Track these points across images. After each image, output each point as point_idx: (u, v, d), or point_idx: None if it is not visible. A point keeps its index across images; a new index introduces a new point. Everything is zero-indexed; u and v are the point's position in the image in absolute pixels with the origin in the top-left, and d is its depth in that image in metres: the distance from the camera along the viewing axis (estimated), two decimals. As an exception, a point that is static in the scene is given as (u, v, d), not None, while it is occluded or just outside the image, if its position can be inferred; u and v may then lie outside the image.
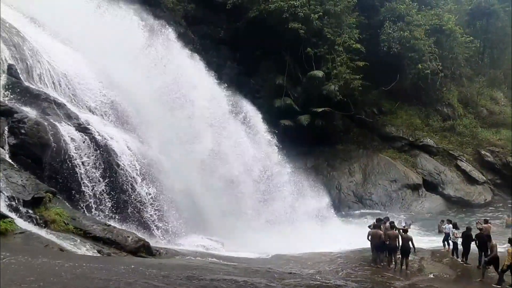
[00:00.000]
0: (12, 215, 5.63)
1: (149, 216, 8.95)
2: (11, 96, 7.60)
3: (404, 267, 8.83)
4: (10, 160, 6.60)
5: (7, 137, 6.87)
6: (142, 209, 8.82)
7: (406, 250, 8.71)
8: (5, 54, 7.78)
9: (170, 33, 14.47)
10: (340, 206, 18.82)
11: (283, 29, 19.92)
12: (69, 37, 10.18)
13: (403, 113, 23.89)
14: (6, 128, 6.88)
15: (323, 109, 20.08)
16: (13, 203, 5.78)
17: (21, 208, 5.80)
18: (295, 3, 19.51)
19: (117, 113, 9.53)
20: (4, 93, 7.45)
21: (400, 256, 8.90)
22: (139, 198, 8.86)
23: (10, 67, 7.78)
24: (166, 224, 9.21)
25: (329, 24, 20.94)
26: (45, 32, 9.77)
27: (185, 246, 9.15)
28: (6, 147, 6.76)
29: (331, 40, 20.54)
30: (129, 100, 10.22)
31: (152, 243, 7.81)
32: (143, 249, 7.01)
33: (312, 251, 10.32)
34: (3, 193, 5.62)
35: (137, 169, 9.07)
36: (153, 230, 8.95)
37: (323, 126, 20.41)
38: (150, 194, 9.10)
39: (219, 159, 12.61)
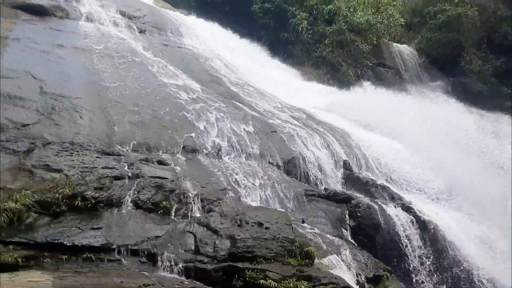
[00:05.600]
0: (360, 289, 6.43)
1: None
2: (347, 186, 9.21)
3: None
4: (352, 240, 7.74)
5: (348, 220, 8.17)
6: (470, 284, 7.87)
7: None
8: (341, 154, 9.77)
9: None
10: None
11: None
12: (384, 129, 11.58)
13: None
14: (346, 212, 8.25)
15: None
16: (359, 279, 6.62)
17: (365, 284, 6.54)
18: None
19: (439, 192, 9.47)
20: (342, 184, 9.17)
21: None
22: (468, 273, 8.01)
23: (344, 162, 9.59)
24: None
25: None
26: (366, 128, 11.59)
27: None
28: (348, 229, 8.03)
29: None
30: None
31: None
32: None
33: None
34: (352, 270, 6.60)
35: (466, 244, 8.41)
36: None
37: None
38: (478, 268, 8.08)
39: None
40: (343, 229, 8.05)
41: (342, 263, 6.52)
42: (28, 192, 5.53)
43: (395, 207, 8.84)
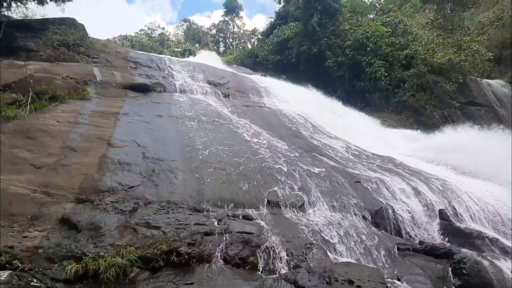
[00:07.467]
0: None
1: None
2: (446, 238, 8.12)
3: None
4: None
5: (452, 278, 7.09)
6: None
7: None
8: (435, 202, 8.80)
9: None
10: None
11: None
12: (484, 172, 10.23)
13: None
14: (449, 269, 7.19)
15: None
16: None
17: None
18: None
19: None
20: (439, 237, 8.11)
21: None
22: None
23: (440, 211, 8.55)
24: None
25: None
26: (462, 173, 10.35)
27: None
28: (453, 288, 6.94)
29: None
30: None
31: None
32: None
33: None
34: None
35: None
36: None
37: None
38: None
39: None
40: (446, 289, 6.99)
41: (451, 330, 5.57)
42: (132, 248, 6.01)
43: (510, 262, 7.47)
